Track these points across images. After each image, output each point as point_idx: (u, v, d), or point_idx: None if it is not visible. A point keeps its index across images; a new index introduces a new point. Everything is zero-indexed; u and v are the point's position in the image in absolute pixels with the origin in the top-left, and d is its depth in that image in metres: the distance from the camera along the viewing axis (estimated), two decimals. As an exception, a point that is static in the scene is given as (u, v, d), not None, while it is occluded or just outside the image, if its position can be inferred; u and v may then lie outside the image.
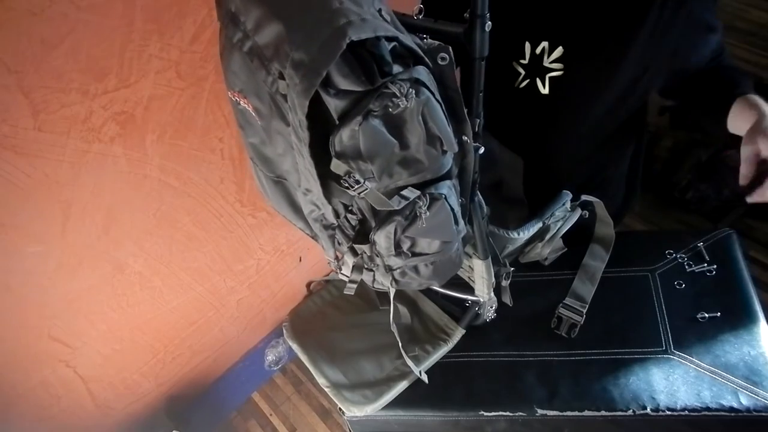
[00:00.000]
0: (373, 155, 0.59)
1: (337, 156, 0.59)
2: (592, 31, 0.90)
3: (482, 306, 1.00)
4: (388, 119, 0.58)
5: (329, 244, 0.76)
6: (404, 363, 0.99)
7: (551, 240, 1.03)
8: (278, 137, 0.67)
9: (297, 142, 0.62)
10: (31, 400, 1.39)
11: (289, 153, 0.68)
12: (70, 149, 1.08)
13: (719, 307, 0.98)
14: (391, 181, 0.62)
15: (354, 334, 1.08)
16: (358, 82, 0.54)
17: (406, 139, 0.60)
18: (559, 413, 0.93)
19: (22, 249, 1.14)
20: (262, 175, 0.80)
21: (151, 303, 1.49)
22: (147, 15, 1.04)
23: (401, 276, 0.75)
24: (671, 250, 1.09)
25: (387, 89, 0.55)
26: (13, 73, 0.93)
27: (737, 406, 0.87)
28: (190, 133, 1.26)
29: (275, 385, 2.00)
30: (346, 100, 0.56)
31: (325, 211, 0.71)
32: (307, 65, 0.52)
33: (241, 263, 1.67)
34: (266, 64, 0.58)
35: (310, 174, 0.64)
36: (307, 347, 1.06)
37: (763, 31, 2.67)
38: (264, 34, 0.57)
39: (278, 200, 0.81)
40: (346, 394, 0.98)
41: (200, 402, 1.88)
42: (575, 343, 1.00)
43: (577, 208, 1.02)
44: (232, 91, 0.70)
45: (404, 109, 0.57)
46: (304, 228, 0.82)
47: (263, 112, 0.66)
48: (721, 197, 2.04)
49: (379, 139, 0.59)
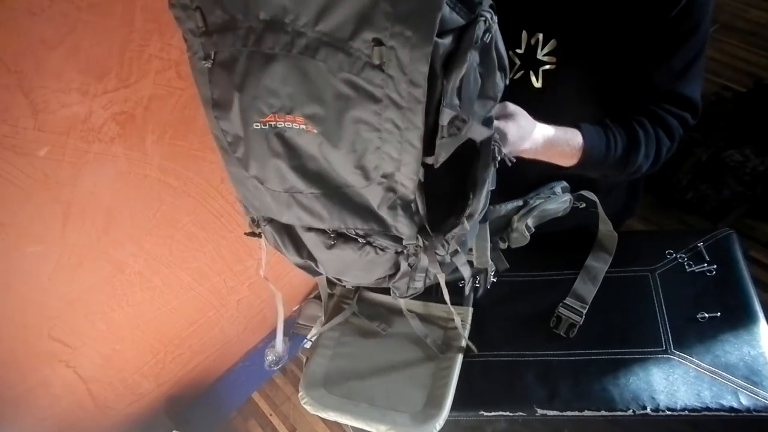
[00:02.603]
0: (468, 92, 0.59)
1: (448, 104, 0.58)
2: (585, 27, 0.89)
3: (482, 276, 0.99)
4: (482, 49, 0.58)
5: (408, 224, 0.71)
6: (439, 365, 0.98)
7: (527, 214, 1.00)
8: (353, 129, 0.63)
9: (395, 114, 0.60)
10: (31, 400, 1.39)
11: (362, 146, 0.64)
12: (70, 149, 1.08)
13: (719, 307, 0.98)
14: (474, 119, 0.62)
15: (374, 371, 1.02)
16: (462, 14, 0.54)
17: (486, 69, 0.60)
18: (559, 413, 0.92)
19: (22, 249, 1.14)
20: (309, 197, 0.73)
21: (151, 303, 1.49)
22: (147, 15, 1.04)
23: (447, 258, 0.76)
24: (671, 250, 1.09)
25: (482, 16, 0.56)
26: (13, 73, 0.93)
27: (737, 406, 0.87)
28: (190, 133, 1.26)
29: (275, 385, 2.00)
30: (449, 38, 0.55)
31: (406, 190, 0.67)
32: (418, 11, 0.52)
33: (241, 263, 1.67)
34: (341, 46, 0.57)
35: (408, 144, 0.61)
36: (344, 409, 0.98)
37: (763, 31, 2.67)
38: (334, 15, 0.56)
39: (333, 211, 0.74)
40: (411, 425, 0.93)
41: (200, 402, 1.88)
42: (575, 343, 0.99)
43: (567, 194, 1.01)
44: (263, 117, 0.66)
45: (493, 34, 0.58)
46: (365, 225, 0.74)
47: (323, 115, 0.63)
48: (721, 197, 2.04)
49: (474, 75, 0.59)
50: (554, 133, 0.86)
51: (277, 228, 0.86)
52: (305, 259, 0.86)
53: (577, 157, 0.88)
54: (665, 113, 0.92)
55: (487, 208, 0.90)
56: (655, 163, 0.94)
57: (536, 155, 0.86)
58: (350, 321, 1.11)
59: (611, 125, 0.91)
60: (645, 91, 0.93)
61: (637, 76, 0.91)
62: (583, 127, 0.88)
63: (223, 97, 0.70)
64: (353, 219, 0.74)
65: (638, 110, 0.93)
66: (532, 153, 0.85)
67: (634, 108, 0.93)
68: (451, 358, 0.98)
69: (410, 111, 0.58)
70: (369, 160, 0.65)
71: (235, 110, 0.69)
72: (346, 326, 1.10)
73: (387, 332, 1.07)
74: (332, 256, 0.81)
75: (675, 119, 0.92)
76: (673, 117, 0.92)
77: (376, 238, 0.76)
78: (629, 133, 0.91)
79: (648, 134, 0.91)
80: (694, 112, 0.94)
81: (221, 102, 0.70)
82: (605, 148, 0.89)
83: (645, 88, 0.93)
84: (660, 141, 0.92)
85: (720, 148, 2.03)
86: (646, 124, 0.91)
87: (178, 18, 0.67)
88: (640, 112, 0.93)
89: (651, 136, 0.91)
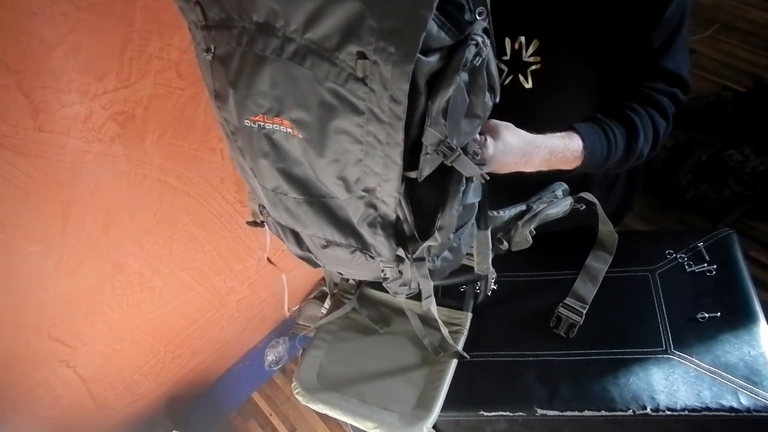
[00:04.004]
0: (455, 113, 0.58)
1: (433, 123, 0.58)
2: (563, 21, 0.90)
3: (482, 282, 0.99)
4: (472, 70, 0.58)
5: (386, 245, 0.72)
6: (433, 367, 0.97)
7: (530, 220, 1.00)
8: (336, 139, 0.63)
9: (377, 128, 0.60)
10: (31, 400, 1.39)
11: (344, 156, 0.64)
12: (70, 149, 1.08)
13: (719, 307, 0.98)
14: (459, 140, 0.62)
15: (368, 368, 1.03)
16: (450, 34, 0.54)
17: (475, 89, 0.60)
18: (559, 413, 0.92)
19: (22, 249, 1.14)
20: (292, 200, 0.74)
21: (151, 303, 1.49)
22: (147, 15, 1.04)
23: (441, 261, 0.76)
24: (671, 250, 1.09)
25: (472, 39, 0.55)
26: (13, 73, 0.93)
27: (737, 406, 0.87)
28: (190, 133, 1.26)
29: (275, 385, 2.00)
30: (436, 57, 0.55)
31: (387, 208, 0.67)
32: (402, 29, 0.51)
33: (241, 263, 1.67)
34: (328, 56, 0.57)
35: (390, 160, 0.61)
36: (334, 403, 0.98)
37: (763, 31, 2.67)
38: (322, 25, 0.56)
39: (315, 220, 0.75)
40: (398, 426, 0.93)
41: (200, 402, 1.88)
42: (575, 343, 0.99)
43: (568, 197, 1.01)
44: (253, 116, 0.67)
45: (484, 58, 0.57)
46: (344, 240, 0.76)
47: (308, 121, 0.63)
48: (721, 197, 2.04)
49: (461, 96, 0.58)
50: (552, 142, 0.84)
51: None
52: (305, 251, 0.87)
53: (580, 160, 0.87)
54: (654, 92, 0.91)
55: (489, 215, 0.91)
56: (654, 145, 0.93)
57: (540, 167, 0.84)
58: (350, 316, 1.11)
59: (605, 120, 0.90)
60: (630, 72, 0.93)
61: (621, 58, 0.91)
62: (578, 127, 0.87)
63: (222, 89, 0.71)
64: (332, 231, 0.75)
65: (627, 95, 0.92)
66: (536, 166, 0.84)
67: (623, 92, 0.93)
68: (445, 361, 0.99)
69: (391, 127, 0.58)
70: (350, 172, 0.66)
71: (231, 103, 0.70)
72: (345, 321, 1.10)
73: (385, 330, 1.07)
74: (327, 254, 0.81)
75: (665, 97, 0.92)
76: (663, 95, 0.92)
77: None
78: (625, 122, 0.90)
79: (643, 118, 0.90)
80: (684, 87, 0.93)
81: (221, 94, 0.71)
82: (606, 144, 0.88)
83: (630, 69, 0.92)
84: (655, 121, 0.91)
85: (720, 148, 2.03)
86: (638, 109, 0.91)
87: (181, 9, 0.69)
88: (629, 97, 0.92)
89: (646, 119, 0.91)
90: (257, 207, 0.89)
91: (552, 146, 0.84)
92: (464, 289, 1.01)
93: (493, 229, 0.97)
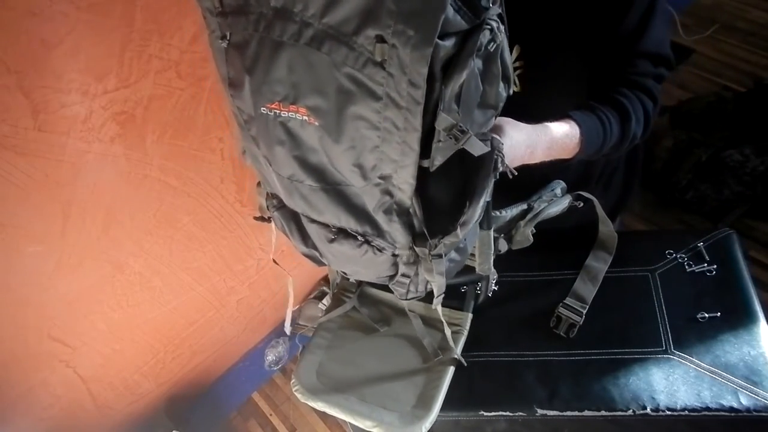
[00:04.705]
0: (468, 99, 0.58)
1: (446, 108, 0.57)
2: (541, 25, 0.90)
3: (483, 283, 0.99)
4: (486, 57, 0.58)
5: (401, 232, 0.71)
6: (433, 367, 0.97)
7: (532, 219, 1.01)
8: (353, 125, 0.63)
9: (394, 114, 0.59)
10: (31, 400, 1.39)
11: (360, 143, 0.64)
12: (70, 149, 1.08)
13: (719, 307, 0.98)
14: (472, 131, 0.61)
15: (368, 366, 1.02)
16: (466, 18, 0.54)
17: (488, 78, 0.59)
18: (559, 413, 0.92)
19: (22, 249, 1.14)
20: (307, 188, 0.74)
21: (151, 303, 1.49)
22: (147, 15, 1.04)
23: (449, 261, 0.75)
24: (671, 250, 1.09)
25: (488, 24, 0.55)
26: (13, 73, 0.93)
27: (737, 406, 0.87)
28: (190, 133, 1.26)
29: (275, 385, 2.00)
30: (451, 41, 0.55)
31: (403, 194, 0.67)
32: (422, 11, 0.52)
33: (241, 263, 1.67)
34: (346, 40, 0.57)
35: (407, 146, 0.61)
36: (333, 401, 0.97)
37: (763, 31, 2.67)
38: (340, 9, 0.56)
39: (330, 206, 0.74)
40: (398, 425, 0.92)
41: (200, 402, 1.88)
42: (575, 343, 0.99)
43: (567, 195, 1.02)
44: (269, 103, 0.67)
45: (498, 44, 0.57)
46: (360, 228, 0.75)
47: (325, 108, 0.63)
48: (721, 197, 2.04)
49: (475, 81, 0.58)
50: (552, 131, 0.85)
51: (285, 215, 0.86)
52: (310, 248, 0.87)
53: (578, 147, 0.88)
54: (639, 77, 0.92)
55: (492, 215, 0.91)
56: (646, 127, 0.94)
57: (543, 158, 0.85)
58: (350, 315, 1.11)
59: (597, 105, 0.91)
60: (613, 61, 0.93)
61: (601, 48, 0.92)
62: (574, 115, 0.88)
63: (237, 77, 0.71)
64: (348, 218, 0.74)
65: (614, 82, 0.93)
66: (539, 157, 0.84)
67: (609, 80, 0.94)
68: (445, 362, 0.99)
69: (409, 112, 0.58)
70: (367, 159, 0.65)
71: (246, 91, 0.70)
72: (345, 320, 1.10)
73: (385, 330, 1.07)
74: (333, 249, 0.81)
75: (650, 79, 0.93)
76: (648, 77, 0.93)
77: (373, 238, 0.77)
78: (616, 106, 0.91)
79: (632, 101, 0.91)
80: (668, 65, 0.94)
81: (235, 82, 0.71)
82: (602, 129, 0.89)
83: (612, 58, 0.93)
84: (644, 103, 0.92)
85: (720, 148, 2.03)
86: (626, 92, 0.92)
87: None
88: (616, 84, 0.93)
89: (636, 102, 0.92)
90: (264, 201, 0.89)
91: (552, 135, 0.85)
92: (465, 290, 1.01)
93: (495, 229, 0.97)
